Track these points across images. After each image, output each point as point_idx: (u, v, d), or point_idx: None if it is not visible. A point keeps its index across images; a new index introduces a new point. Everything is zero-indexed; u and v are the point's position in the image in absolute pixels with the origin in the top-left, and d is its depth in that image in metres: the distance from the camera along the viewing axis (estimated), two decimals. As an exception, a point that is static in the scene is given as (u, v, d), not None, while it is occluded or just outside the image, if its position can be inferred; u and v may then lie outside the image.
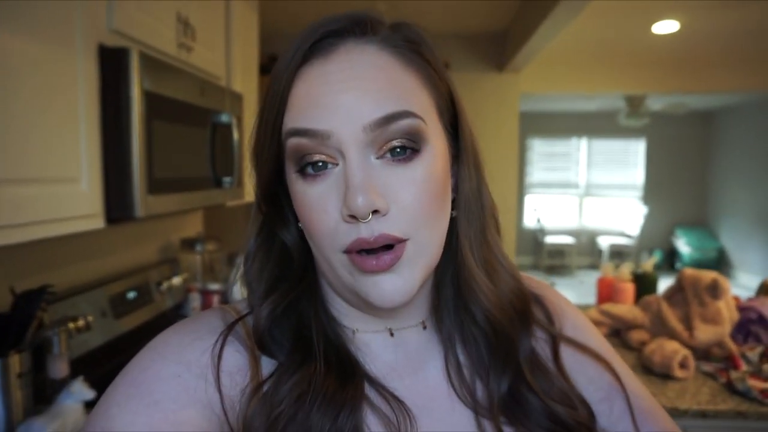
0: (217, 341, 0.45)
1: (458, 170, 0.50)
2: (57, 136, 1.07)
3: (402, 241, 0.43)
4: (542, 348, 0.54)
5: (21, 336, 1.16)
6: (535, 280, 0.60)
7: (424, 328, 0.52)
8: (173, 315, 1.96)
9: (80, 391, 1.18)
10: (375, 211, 0.42)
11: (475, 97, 3.78)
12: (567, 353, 0.55)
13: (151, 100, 1.28)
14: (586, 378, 0.55)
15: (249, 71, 2.20)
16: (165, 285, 1.93)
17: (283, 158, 0.46)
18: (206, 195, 1.64)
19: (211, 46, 1.81)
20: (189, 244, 2.15)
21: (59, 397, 1.17)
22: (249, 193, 1.70)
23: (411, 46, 0.46)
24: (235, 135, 1.74)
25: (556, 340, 0.55)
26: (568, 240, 8.02)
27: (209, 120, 1.64)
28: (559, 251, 8.03)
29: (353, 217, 0.41)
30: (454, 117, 0.49)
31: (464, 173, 0.50)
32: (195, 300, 2.01)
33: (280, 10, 2.97)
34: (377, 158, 0.43)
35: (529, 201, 8.30)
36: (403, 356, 0.51)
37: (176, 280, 1.99)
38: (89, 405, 1.19)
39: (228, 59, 1.98)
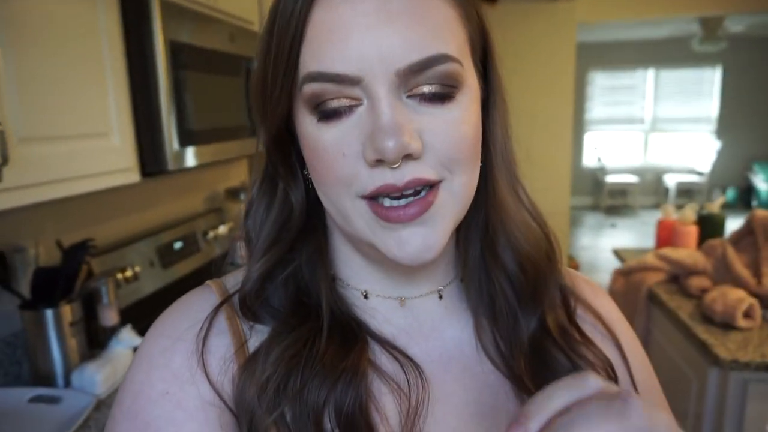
0: (198, 334, 0.42)
1: (488, 113, 0.45)
2: (84, 92, 1.07)
3: (434, 184, 0.39)
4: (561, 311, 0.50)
5: (71, 287, 1.21)
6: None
7: (440, 297, 0.49)
8: (221, 263, 2.01)
9: (127, 338, 1.24)
10: (406, 156, 0.37)
11: (527, 30, 3.49)
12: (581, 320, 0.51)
13: (176, 49, 1.25)
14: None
15: (284, 13, 2.12)
16: (211, 234, 1.97)
17: (294, 97, 0.40)
18: (243, 144, 1.63)
19: (241, -12, 1.74)
20: (233, 193, 2.18)
21: (109, 344, 1.24)
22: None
23: None
24: (270, 82, 1.69)
25: (573, 301, 0.51)
26: (631, 179, 7.62)
27: (242, 67, 1.60)
28: (621, 191, 7.68)
29: (380, 161, 0.37)
30: (484, 53, 0.44)
31: (495, 116, 0.46)
32: (242, 248, 2.05)
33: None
34: (409, 97, 0.38)
35: (589, 139, 7.89)
36: (414, 322, 0.47)
37: (222, 229, 2.03)
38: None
39: (260, 2, 1.90)
